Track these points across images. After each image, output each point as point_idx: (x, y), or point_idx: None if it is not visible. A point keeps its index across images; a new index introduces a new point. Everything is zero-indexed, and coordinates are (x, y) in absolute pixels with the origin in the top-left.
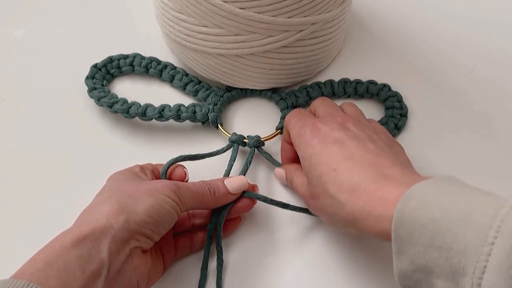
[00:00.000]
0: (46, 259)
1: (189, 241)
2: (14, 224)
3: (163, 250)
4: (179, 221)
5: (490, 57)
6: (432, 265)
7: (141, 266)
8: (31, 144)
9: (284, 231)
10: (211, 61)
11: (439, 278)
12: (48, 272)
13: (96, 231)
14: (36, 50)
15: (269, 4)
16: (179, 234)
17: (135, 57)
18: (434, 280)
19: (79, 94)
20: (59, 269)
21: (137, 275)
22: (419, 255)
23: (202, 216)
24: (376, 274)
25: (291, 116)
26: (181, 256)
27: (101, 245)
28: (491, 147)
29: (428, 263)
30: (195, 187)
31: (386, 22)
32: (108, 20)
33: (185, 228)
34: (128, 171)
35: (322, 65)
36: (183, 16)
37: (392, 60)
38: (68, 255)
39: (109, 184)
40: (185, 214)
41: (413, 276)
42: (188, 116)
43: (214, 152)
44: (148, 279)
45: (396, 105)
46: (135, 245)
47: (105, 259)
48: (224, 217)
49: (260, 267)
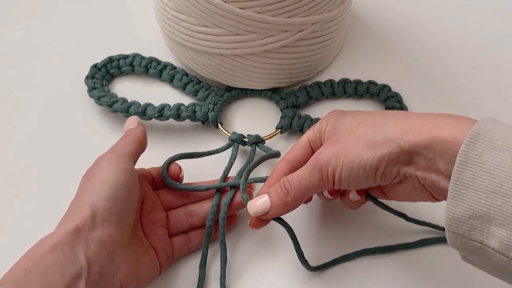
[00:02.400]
0: (25, 266)
1: (186, 241)
2: (14, 224)
3: (158, 250)
4: (176, 221)
5: (490, 57)
6: (494, 212)
7: (123, 267)
8: (31, 144)
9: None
10: (211, 61)
11: (500, 226)
12: (29, 278)
13: (66, 235)
14: (36, 50)
15: (269, 4)
16: (177, 235)
17: (135, 57)
18: (492, 228)
19: (79, 94)
20: (39, 274)
21: (120, 277)
22: (480, 201)
23: (200, 215)
24: (382, 267)
25: None
26: (178, 256)
27: (76, 249)
28: None
29: (489, 209)
30: (116, 144)
31: (386, 22)
32: (108, 20)
33: (182, 229)
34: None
35: (322, 65)
36: (183, 16)
37: (392, 60)
38: (47, 261)
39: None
40: (182, 214)
41: (468, 223)
42: (188, 115)
43: (214, 151)
44: (137, 279)
45: (396, 105)
46: (111, 243)
47: (83, 262)
48: (226, 212)
49: (259, 265)
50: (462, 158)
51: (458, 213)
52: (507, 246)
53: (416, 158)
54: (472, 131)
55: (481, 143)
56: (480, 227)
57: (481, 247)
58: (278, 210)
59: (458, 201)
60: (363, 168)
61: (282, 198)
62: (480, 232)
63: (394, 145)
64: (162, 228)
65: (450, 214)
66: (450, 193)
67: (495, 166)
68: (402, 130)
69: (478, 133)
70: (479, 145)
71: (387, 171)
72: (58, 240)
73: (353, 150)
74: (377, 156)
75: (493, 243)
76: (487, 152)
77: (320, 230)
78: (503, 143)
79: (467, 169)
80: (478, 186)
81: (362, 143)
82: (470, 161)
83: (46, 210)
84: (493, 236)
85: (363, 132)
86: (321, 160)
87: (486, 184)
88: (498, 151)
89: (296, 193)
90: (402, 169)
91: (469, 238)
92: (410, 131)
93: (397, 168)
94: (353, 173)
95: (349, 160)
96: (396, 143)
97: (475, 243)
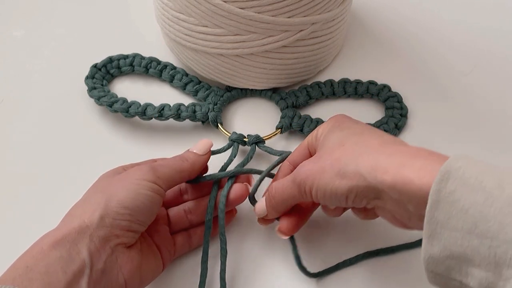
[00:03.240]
0: (26, 264)
1: (187, 239)
2: (14, 224)
3: (161, 247)
4: (176, 219)
5: (490, 57)
6: (471, 253)
7: (128, 264)
8: (31, 144)
9: None
10: (211, 61)
11: (478, 267)
12: (30, 275)
13: (71, 232)
14: (36, 50)
15: (269, 4)
16: (178, 232)
17: (135, 57)
18: (470, 269)
19: (79, 94)
20: (40, 272)
21: (124, 273)
22: (456, 241)
23: (198, 212)
24: (381, 272)
25: None
26: (180, 254)
27: (80, 246)
28: (491, 147)
29: (466, 250)
30: (168, 161)
31: (386, 22)
32: (108, 20)
33: (182, 226)
34: (110, 171)
35: (322, 65)
36: (183, 16)
37: (392, 60)
38: (48, 258)
39: (89, 188)
40: (181, 211)
41: (445, 263)
42: (188, 115)
43: (216, 151)
44: (141, 277)
45: (396, 105)
46: (117, 242)
47: (85, 259)
48: (224, 204)
49: (259, 260)
50: (434, 197)
51: (435, 252)
52: (487, 287)
53: (384, 195)
54: (443, 169)
55: (452, 180)
56: (458, 267)
57: (460, 287)
58: (271, 213)
59: (434, 241)
60: (334, 194)
61: (269, 203)
62: (459, 272)
63: (362, 179)
64: (164, 225)
65: (427, 253)
66: (425, 232)
67: (469, 205)
68: (372, 166)
69: (449, 170)
70: (451, 183)
71: (357, 200)
72: (62, 236)
73: (328, 175)
74: (346, 186)
75: (472, 283)
76: (459, 190)
77: (321, 233)
78: (476, 181)
79: (440, 208)
80: (453, 226)
81: (336, 170)
82: (443, 200)
83: (46, 210)
84: (472, 276)
85: (339, 157)
86: (300, 176)
87: (461, 224)
88: (471, 189)
89: (278, 201)
90: (371, 202)
91: (448, 277)
92: (378, 168)
93: (367, 200)
94: (326, 195)
95: (323, 185)
96: (364, 178)
97: (454, 282)
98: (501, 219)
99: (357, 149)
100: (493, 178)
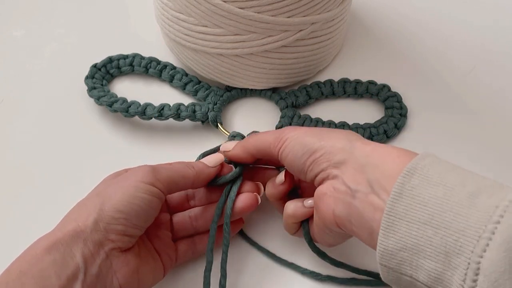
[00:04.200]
0: (19, 269)
1: (191, 245)
2: (14, 223)
3: (161, 253)
4: (180, 225)
5: (490, 57)
6: (424, 243)
7: (123, 268)
8: (31, 144)
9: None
10: (210, 61)
11: (428, 258)
12: (23, 280)
13: (65, 235)
14: (36, 50)
15: (269, 3)
16: (181, 239)
17: (135, 57)
18: (421, 261)
19: (79, 94)
20: (34, 276)
21: (119, 278)
22: (411, 232)
23: (204, 219)
24: None
25: None
26: (183, 260)
27: (74, 250)
28: (490, 147)
29: (419, 241)
30: (173, 164)
31: (386, 22)
32: (108, 20)
33: (187, 233)
34: (113, 173)
35: (321, 65)
36: (183, 16)
37: (392, 60)
38: (42, 263)
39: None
40: (187, 217)
41: (398, 255)
42: (188, 115)
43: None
44: (138, 281)
45: (395, 105)
46: (111, 247)
47: (79, 263)
48: (231, 208)
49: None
50: (397, 190)
51: (389, 245)
52: (435, 279)
53: (349, 161)
54: (410, 165)
55: (416, 176)
56: (409, 260)
57: (411, 281)
58: (236, 149)
59: (390, 233)
60: (303, 145)
61: (241, 142)
62: (410, 265)
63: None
64: (165, 231)
65: (382, 246)
66: (383, 224)
67: (428, 198)
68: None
69: (414, 167)
70: (415, 178)
71: (320, 160)
72: (57, 240)
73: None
74: (318, 143)
75: (422, 276)
76: (421, 185)
77: None
78: (438, 178)
79: (401, 201)
80: (410, 217)
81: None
82: (405, 193)
83: (46, 210)
84: (422, 269)
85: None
86: (284, 130)
87: (419, 215)
88: (432, 184)
89: (251, 141)
90: (329, 170)
91: (399, 272)
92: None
93: (328, 164)
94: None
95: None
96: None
97: (405, 277)
98: (457, 210)
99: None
100: (455, 176)
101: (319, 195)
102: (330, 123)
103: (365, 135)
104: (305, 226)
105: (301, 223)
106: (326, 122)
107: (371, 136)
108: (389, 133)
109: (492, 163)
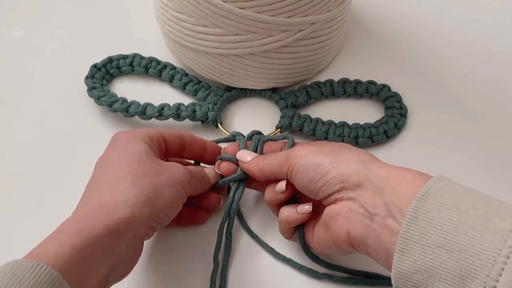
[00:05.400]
0: (72, 243)
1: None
2: (14, 223)
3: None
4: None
5: (490, 57)
6: (439, 266)
7: (139, 254)
8: (31, 144)
9: None
10: (210, 61)
11: (443, 281)
12: (73, 258)
13: (122, 222)
14: (36, 50)
15: (269, 4)
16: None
17: (135, 57)
18: (436, 284)
19: (79, 94)
20: (83, 257)
21: (135, 262)
22: (426, 256)
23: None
24: None
25: None
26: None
27: (124, 239)
28: (490, 146)
29: (434, 264)
30: (199, 173)
31: (386, 22)
32: (108, 20)
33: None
34: (142, 142)
35: (321, 65)
36: (183, 16)
37: (392, 60)
38: (94, 245)
39: (125, 155)
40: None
41: (413, 278)
42: (188, 115)
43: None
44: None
45: (395, 105)
46: (146, 237)
47: (123, 253)
48: (237, 204)
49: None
50: (412, 213)
51: (404, 268)
52: None
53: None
54: (424, 188)
55: (431, 200)
56: (425, 283)
57: None
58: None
59: (405, 256)
60: (314, 165)
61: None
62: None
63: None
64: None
65: (397, 269)
66: (398, 247)
67: (443, 222)
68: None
69: (429, 191)
70: (429, 202)
71: (333, 181)
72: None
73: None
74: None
75: None
76: (436, 209)
77: None
78: (452, 201)
79: (416, 224)
80: (425, 241)
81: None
82: (420, 217)
83: (46, 210)
84: None
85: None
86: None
87: (433, 239)
88: (447, 208)
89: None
90: (344, 191)
91: None
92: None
93: (342, 186)
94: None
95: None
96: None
97: None
98: (471, 234)
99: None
100: (468, 200)
101: (332, 215)
102: (330, 123)
103: (365, 135)
104: (299, 231)
105: (295, 228)
106: (326, 122)
107: (371, 136)
108: (389, 133)
109: (492, 163)
